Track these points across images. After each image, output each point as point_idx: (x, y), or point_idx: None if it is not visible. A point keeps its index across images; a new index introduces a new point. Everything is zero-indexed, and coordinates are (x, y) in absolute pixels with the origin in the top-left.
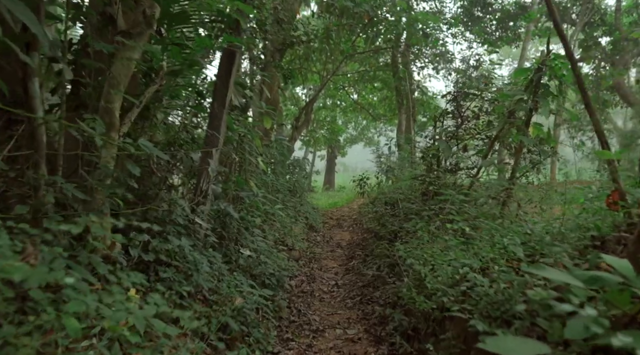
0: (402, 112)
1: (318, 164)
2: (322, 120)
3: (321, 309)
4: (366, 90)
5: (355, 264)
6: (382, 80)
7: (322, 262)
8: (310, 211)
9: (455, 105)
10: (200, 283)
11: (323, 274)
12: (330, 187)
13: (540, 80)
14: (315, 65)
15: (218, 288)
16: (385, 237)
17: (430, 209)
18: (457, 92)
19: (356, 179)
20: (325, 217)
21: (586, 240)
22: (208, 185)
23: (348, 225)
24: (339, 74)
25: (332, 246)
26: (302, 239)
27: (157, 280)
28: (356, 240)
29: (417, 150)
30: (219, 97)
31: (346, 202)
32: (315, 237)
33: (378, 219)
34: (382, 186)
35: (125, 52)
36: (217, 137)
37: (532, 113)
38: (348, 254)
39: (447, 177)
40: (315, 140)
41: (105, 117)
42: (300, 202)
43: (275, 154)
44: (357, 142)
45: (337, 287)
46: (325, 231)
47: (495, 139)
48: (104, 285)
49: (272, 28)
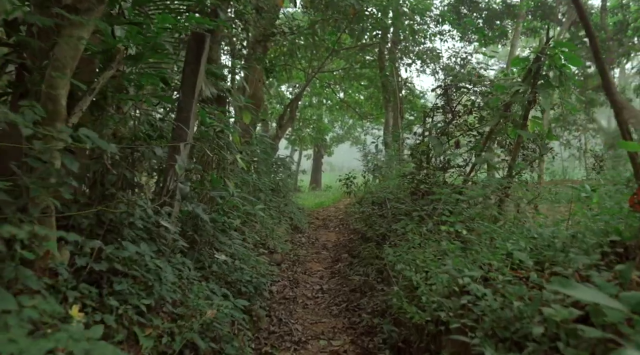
0: (389, 109)
1: (304, 163)
2: (308, 118)
3: (304, 317)
4: (352, 88)
5: (342, 267)
6: (368, 78)
7: (307, 265)
8: (295, 211)
9: (446, 100)
10: (163, 295)
11: (307, 278)
12: (316, 186)
13: (539, 71)
14: (300, 62)
15: (185, 300)
16: (372, 239)
17: (421, 209)
18: (448, 85)
19: (342, 178)
20: (311, 217)
21: (605, 246)
22: (175, 184)
23: (334, 226)
24: (324, 71)
25: (318, 248)
26: (285, 240)
27: (111, 294)
28: (342, 242)
29: (405, 148)
30: (187, 86)
31: (332, 201)
32: (300, 239)
33: (365, 220)
34: (369, 185)
35: (71, 30)
36: (186, 131)
37: (531, 106)
38: (334, 256)
39: (438, 175)
40: (301, 139)
41: (48, 105)
42: (284, 202)
43: (257, 151)
44: (343, 142)
45: (322, 293)
46: (310, 232)
47: (490, 134)
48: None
49: (252, 17)
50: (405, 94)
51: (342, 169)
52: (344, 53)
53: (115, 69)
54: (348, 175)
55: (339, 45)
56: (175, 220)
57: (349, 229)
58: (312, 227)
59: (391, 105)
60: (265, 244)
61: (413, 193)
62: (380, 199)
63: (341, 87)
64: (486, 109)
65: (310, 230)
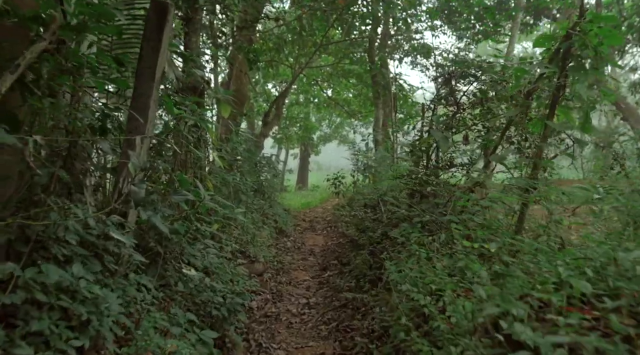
0: (379, 106)
1: (291, 162)
2: (295, 117)
3: (288, 339)
4: (340, 85)
5: (331, 277)
6: (357, 75)
7: (292, 274)
8: (280, 213)
9: (449, 90)
10: (102, 332)
11: (292, 289)
12: (303, 186)
13: (569, 51)
14: (287, 58)
15: (133, 335)
16: (365, 246)
17: (424, 213)
18: (452, 73)
19: (330, 178)
20: (298, 219)
21: None
22: (129, 186)
23: (322, 228)
24: (312, 66)
25: (304, 253)
26: (269, 245)
27: (25, 336)
28: (331, 246)
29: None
30: (145, 66)
31: (320, 202)
32: (285, 243)
33: (356, 224)
34: (359, 185)
35: None
36: (142, 122)
37: (560, 92)
38: (322, 263)
39: (442, 175)
40: (288, 137)
41: None
42: (269, 203)
43: (239, 149)
44: (331, 141)
45: (308, 308)
46: (296, 235)
47: (507, 127)
48: None
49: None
50: (396, 90)
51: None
52: (332, 48)
53: (48, 41)
54: (336, 175)
55: (328, 39)
56: (131, 230)
57: (338, 232)
58: (298, 230)
59: (382, 101)
60: (246, 252)
61: (411, 195)
62: (373, 201)
63: (329, 84)
64: (494, 101)
65: (296, 233)
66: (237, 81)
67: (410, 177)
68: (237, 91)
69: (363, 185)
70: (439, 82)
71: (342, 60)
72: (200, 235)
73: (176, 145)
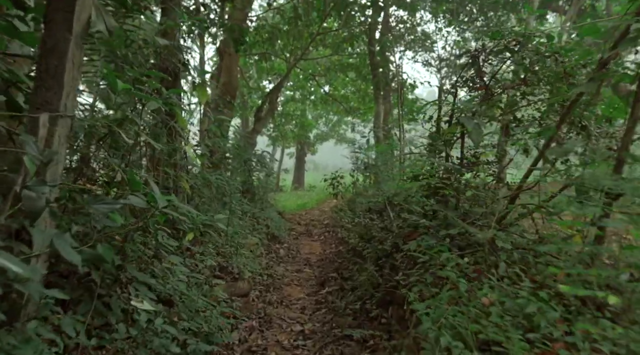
0: (379, 101)
1: (287, 162)
2: (291, 114)
3: None
4: (338, 80)
5: (330, 295)
6: (355, 68)
7: (284, 291)
8: (273, 217)
9: (477, 70)
10: None
11: (284, 311)
12: (299, 186)
13: None
14: (282, 50)
15: None
16: (370, 259)
17: (451, 222)
18: (480, 49)
19: (328, 178)
20: (293, 221)
21: None
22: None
23: (319, 233)
24: (308, 58)
25: (299, 263)
26: (258, 255)
27: None
28: (329, 256)
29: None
30: (57, 8)
31: (316, 203)
32: (277, 251)
33: (360, 232)
34: (360, 186)
35: None
36: (55, 92)
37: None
38: (319, 276)
39: (486, 174)
40: (284, 135)
41: None
42: (261, 206)
43: (223, 144)
44: (327, 139)
45: (303, 338)
46: (291, 241)
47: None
48: None
49: None
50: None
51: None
52: (330, 40)
53: None
54: (334, 175)
55: (325, 30)
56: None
57: (337, 237)
58: (293, 234)
59: (382, 95)
60: (228, 267)
61: (437, 200)
62: (378, 205)
63: (326, 79)
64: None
65: (290, 239)
66: (227, 73)
67: (429, 177)
68: (227, 84)
69: (364, 186)
70: (460, 64)
71: (339, 51)
72: (164, 251)
73: (135, 135)
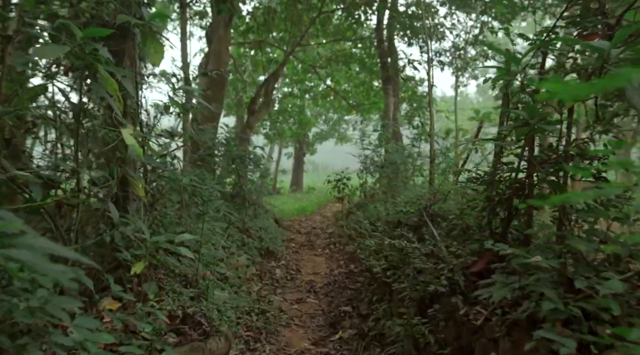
0: (389, 93)
1: (285, 162)
2: (290, 110)
3: None
4: (340, 73)
5: (346, 344)
6: (359, 59)
7: (281, 337)
8: (268, 226)
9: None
10: None
11: None
12: (298, 188)
13: None
14: (280, 37)
15: None
16: (411, 299)
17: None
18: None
19: (332, 179)
20: (291, 229)
21: None
22: None
23: (323, 245)
24: (307, 44)
25: (301, 289)
26: (248, 278)
27: None
28: (338, 277)
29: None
30: None
31: (317, 206)
32: (272, 271)
33: (388, 257)
34: (370, 188)
35: None
36: None
37: None
38: (328, 310)
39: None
40: (281, 134)
41: None
42: (253, 212)
43: (209, 138)
44: (327, 139)
45: None
46: (289, 256)
47: None
48: None
49: None
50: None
51: (326, 168)
52: (331, 27)
53: None
54: (340, 176)
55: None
56: None
57: (345, 252)
58: (291, 247)
59: (392, 87)
60: (196, 314)
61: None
62: (408, 218)
63: (327, 72)
64: None
65: (289, 253)
66: (217, 59)
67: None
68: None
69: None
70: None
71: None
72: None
73: None
